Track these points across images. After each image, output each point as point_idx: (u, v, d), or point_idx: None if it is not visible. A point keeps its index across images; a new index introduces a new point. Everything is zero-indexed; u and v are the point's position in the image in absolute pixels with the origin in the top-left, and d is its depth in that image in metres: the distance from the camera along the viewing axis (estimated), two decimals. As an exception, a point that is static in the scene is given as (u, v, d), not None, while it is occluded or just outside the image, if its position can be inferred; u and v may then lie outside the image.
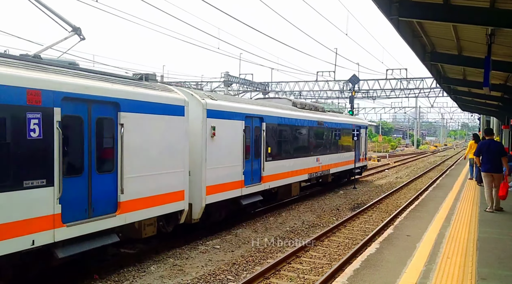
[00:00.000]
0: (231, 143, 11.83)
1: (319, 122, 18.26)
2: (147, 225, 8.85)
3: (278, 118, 14.61)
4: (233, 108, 12.06)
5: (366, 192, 20.16)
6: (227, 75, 37.30)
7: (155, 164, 8.90)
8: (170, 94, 9.52)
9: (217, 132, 11.07)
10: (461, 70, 16.90)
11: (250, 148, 12.78)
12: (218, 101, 11.58)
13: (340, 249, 10.32)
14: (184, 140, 9.77)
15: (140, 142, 8.48)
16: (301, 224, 12.95)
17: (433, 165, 37.20)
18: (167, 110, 9.24)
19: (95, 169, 7.53)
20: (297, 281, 8.09)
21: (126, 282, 7.89)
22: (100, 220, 7.51)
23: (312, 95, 43.67)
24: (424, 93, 42.35)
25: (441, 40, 12.40)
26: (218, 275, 8.28)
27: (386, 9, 8.90)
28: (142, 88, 8.74)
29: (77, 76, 7.40)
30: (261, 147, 13.33)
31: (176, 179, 9.53)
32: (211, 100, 11.20)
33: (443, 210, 11.75)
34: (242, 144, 12.25)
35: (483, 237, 8.60)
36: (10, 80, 6.12)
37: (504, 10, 8.57)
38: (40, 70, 6.78)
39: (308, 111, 17.93)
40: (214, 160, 11.03)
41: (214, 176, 11.02)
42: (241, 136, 12.23)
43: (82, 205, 7.27)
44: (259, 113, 13.41)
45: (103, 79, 7.97)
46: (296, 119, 16.14)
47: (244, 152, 12.32)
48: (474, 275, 6.34)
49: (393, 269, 6.73)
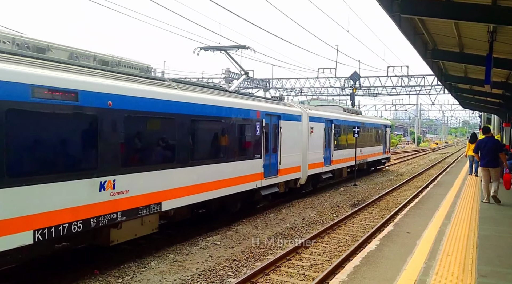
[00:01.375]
0: (318, 137, 17.83)
1: (362, 122, 24.35)
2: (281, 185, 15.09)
3: (340, 121, 20.92)
4: (319, 115, 18.33)
5: (366, 189, 20.17)
6: (228, 71, 37.25)
7: (291, 149, 15.33)
8: (294, 108, 16.18)
9: (313, 130, 17.31)
10: (462, 68, 16.86)
11: (326, 140, 18.81)
12: (313, 110, 18.07)
13: (340, 246, 10.33)
14: (300, 135, 16.22)
15: (286, 137, 14.84)
16: (301, 221, 12.97)
17: (434, 162, 37.20)
18: (293, 118, 15.65)
19: (272, 151, 13.97)
20: (297, 278, 8.11)
21: (127, 278, 7.91)
22: (272, 178, 14.00)
23: (313, 92, 43.63)
24: (425, 91, 42.33)
25: (443, 37, 12.37)
26: (218, 271, 8.30)
27: (388, 6, 8.87)
28: (284, 106, 15.38)
29: (269, 103, 14.57)
30: (331, 140, 19.56)
31: (298, 158, 15.93)
32: (309, 110, 17.54)
33: (443, 207, 11.76)
34: (323, 138, 18.48)
35: (483, 234, 8.61)
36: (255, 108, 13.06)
37: (506, 7, 8.54)
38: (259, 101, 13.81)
39: (354, 114, 24.67)
40: (311, 148, 17.07)
41: (311, 158, 17.05)
42: (322, 133, 18.38)
43: (269, 169, 13.69)
44: (331, 117, 19.73)
45: (270, 102, 14.94)
46: (349, 121, 22.35)
47: (323, 143, 18.48)
48: (474, 272, 6.35)
49: (393, 266, 6.74)
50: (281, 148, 14.42)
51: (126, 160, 8.13)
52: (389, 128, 32.03)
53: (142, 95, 8.46)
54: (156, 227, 9.44)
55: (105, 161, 7.59)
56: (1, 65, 6.17)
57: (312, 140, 17.09)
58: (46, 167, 6.68)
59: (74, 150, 7.23)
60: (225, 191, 11.37)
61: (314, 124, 17.31)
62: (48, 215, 6.61)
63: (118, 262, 8.65)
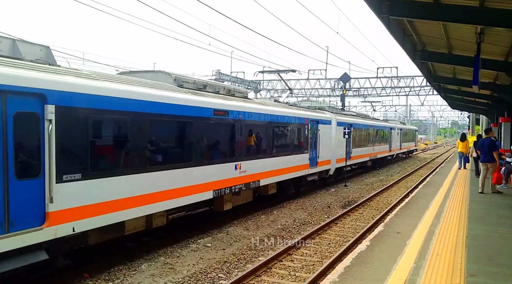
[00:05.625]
0: (342, 137, 21.47)
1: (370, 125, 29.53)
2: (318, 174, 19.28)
3: (356, 124, 25.83)
4: (342, 120, 22.89)
5: (357, 190, 20.26)
6: (219, 73, 37.22)
7: (325, 147, 19.56)
8: (326, 115, 20.72)
9: (338, 132, 21.39)
10: (451, 69, 17.04)
11: (347, 140, 22.31)
12: (338, 116, 22.72)
13: (331, 247, 10.36)
14: (330, 136, 20.57)
15: (322, 137, 19.12)
16: (292, 222, 12.98)
17: (423, 163, 37.47)
18: (326, 122, 20.19)
19: (314, 147, 18.07)
20: (289, 279, 8.11)
21: (117, 281, 7.85)
22: (314, 168, 18.14)
23: (304, 93, 43.74)
24: (414, 92, 42.66)
25: (432, 38, 12.49)
26: (209, 273, 8.28)
27: (377, 8, 8.94)
28: (320, 113, 20.04)
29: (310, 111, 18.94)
30: (350, 140, 23.62)
31: (329, 154, 20.28)
32: (336, 116, 22.27)
33: (433, 207, 11.84)
34: (344, 139, 21.77)
35: (472, 234, 8.68)
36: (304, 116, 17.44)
37: (493, 9, 8.65)
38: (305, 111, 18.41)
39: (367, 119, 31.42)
40: (337, 146, 21.41)
41: (337, 154, 21.43)
42: (342, 135, 21.50)
43: (311, 161, 17.77)
44: (350, 122, 24.43)
45: (310, 110, 19.11)
46: (363, 124, 27.52)
47: (345, 142, 22.17)
48: (463, 271, 6.40)
49: (384, 266, 6.77)
50: (319, 146, 18.75)
51: (247, 152, 12.88)
52: (393, 130, 36.74)
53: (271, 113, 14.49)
54: (251, 198, 14.27)
55: (238, 153, 12.28)
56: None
57: (338, 140, 21.38)
58: (221, 156, 11.59)
59: (229, 147, 12.02)
60: (291, 175, 16.08)
61: (339, 127, 21.64)
62: (219, 182, 11.34)
63: (108, 265, 8.58)
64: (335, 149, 20.98)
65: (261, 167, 13.69)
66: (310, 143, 17.76)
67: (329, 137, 20.31)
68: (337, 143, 21.27)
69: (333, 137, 20.85)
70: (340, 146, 21.68)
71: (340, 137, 21.42)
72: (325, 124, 19.77)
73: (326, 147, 19.74)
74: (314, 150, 18.23)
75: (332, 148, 20.58)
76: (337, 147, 21.28)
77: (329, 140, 20.33)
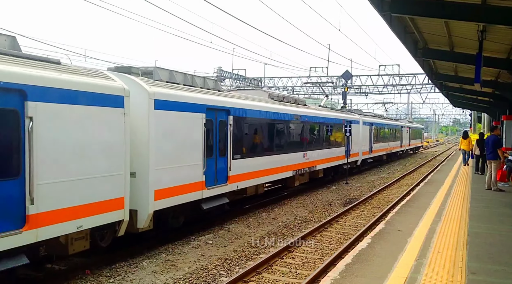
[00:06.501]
0: (366, 134, 26.36)
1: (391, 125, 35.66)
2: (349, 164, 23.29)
3: (376, 124, 30.22)
4: (366, 120, 27.30)
5: (358, 187, 20.26)
6: (220, 70, 37.21)
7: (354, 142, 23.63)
8: (354, 116, 24.89)
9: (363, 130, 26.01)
10: (452, 67, 17.00)
11: (370, 137, 27.70)
12: (363, 117, 27.27)
13: (332, 244, 10.36)
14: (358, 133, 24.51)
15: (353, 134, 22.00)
16: (293, 219, 12.99)
17: (425, 161, 37.45)
18: (355, 122, 24.24)
19: (348, 143, 22.37)
20: (290, 276, 8.12)
21: (118, 278, 7.87)
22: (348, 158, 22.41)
23: (305, 90, 43.70)
24: (416, 89, 42.57)
25: (433, 36, 12.45)
26: (210, 270, 8.29)
27: (379, 5, 8.92)
28: (351, 115, 25.24)
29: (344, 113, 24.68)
30: (372, 136, 28.59)
31: (357, 148, 24.46)
32: (362, 117, 26.95)
33: (434, 205, 11.84)
34: (368, 135, 27.51)
35: (473, 232, 8.69)
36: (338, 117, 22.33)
37: (495, 6, 8.63)
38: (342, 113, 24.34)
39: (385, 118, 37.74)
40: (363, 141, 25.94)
41: (363, 148, 25.90)
42: (368, 132, 27.07)
43: (346, 153, 22.37)
44: (371, 121, 29.04)
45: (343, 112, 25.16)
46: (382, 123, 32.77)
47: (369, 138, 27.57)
48: (464, 269, 6.41)
49: (385, 264, 6.78)
50: (351, 141, 22.73)
51: (309, 145, 17.66)
52: (403, 128, 41.46)
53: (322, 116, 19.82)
54: (308, 179, 18.60)
55: (304, 145, 17.21)
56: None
57: (363, 137, 26.08)
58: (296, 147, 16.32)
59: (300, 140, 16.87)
60: (334, 163, 20.85)
61: (365, 126, 26.44)
62: (295, 165, 16.27)
63: (110, 261, 8.60)
64: (361, 144, 25.62)
65: (317, 156, 18.54)
66: (346, 138, 22.05)
67: (357, 134, 24.49)
68: (363, 139, 25.99)
69: (360, 135, 25.31)
70: (365, 141, 26.73)
71: (366, 135, 26.67)
72: (355, 124, 23.98)
73: (356, 142, 24.19)
74: (348, 145, 22.57)
75: (359, 143, 25.16)
76: (363, 142, 26.02)
77: (357, 137, 24.59)
